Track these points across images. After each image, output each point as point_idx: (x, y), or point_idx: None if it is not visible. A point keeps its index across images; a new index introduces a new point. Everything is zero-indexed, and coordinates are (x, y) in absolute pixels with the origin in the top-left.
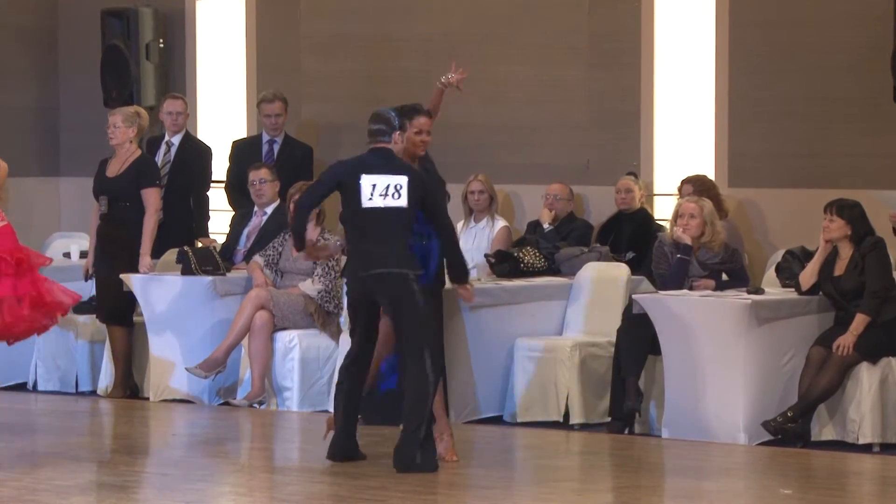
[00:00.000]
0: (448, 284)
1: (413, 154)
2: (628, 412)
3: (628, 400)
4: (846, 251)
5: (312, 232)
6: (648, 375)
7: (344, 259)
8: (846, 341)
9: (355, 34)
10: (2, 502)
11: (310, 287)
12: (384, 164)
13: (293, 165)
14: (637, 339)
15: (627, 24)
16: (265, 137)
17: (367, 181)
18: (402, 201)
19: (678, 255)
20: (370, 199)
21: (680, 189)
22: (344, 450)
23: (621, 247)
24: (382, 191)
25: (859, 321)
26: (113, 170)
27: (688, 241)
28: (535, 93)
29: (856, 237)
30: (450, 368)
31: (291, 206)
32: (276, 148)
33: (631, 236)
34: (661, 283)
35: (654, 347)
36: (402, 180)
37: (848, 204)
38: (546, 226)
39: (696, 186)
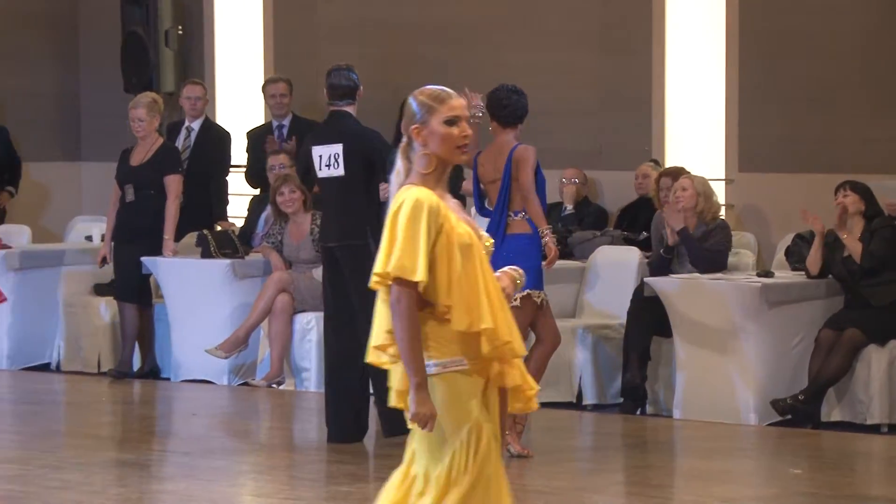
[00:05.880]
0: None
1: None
2: (628, 385)
3: (630, 373)
4: (857, 228)
5: (304, 218)
6: (661, 357)
7: None
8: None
9: (372, 19)
10: (27, 480)
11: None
12: (328, 131)
13: None
14: (643, 318)
15: (639, 11)
16: (274, 123)
17: (315, 152)
18: (340, 170)
19: (661, 252)
20: (320, 169)
21: (657, 181)
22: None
23: (637, 230)
24: (327, 160)
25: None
26: (137, 158)
27: (681, 223)
28: (548, 79)
29: (868, 214)
30: None
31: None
32: (285, 132)
33: (647, 222)
34: (650, 268)
35: (663, 329)
36: (338, 148)
37: (860, 184)
38: (569, 208)
39: (674, 179)
